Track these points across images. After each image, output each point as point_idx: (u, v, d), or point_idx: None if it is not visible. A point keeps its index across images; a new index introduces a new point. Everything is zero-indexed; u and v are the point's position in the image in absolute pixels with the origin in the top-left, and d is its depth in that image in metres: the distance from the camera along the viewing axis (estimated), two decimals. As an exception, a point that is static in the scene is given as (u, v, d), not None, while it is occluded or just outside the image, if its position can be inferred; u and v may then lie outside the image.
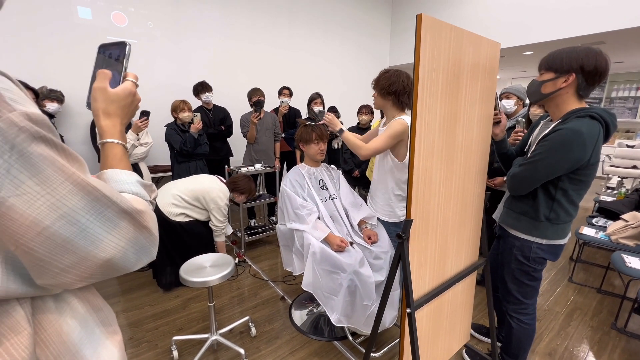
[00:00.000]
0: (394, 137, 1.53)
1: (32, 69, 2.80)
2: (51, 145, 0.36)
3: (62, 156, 0.37)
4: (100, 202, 0.39)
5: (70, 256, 0.38)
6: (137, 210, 0.44)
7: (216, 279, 1.50)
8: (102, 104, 0.53)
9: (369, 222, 1.82)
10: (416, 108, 0.95)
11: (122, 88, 0.54)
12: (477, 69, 1.16)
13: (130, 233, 0.43)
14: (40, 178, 0.34)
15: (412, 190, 1.01)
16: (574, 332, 1.91)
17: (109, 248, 0.41)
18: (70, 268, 0.39)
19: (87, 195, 0.38)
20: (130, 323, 1.94)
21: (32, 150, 0.34)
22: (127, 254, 0.43)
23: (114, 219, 0.41)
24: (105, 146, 0.53)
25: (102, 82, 0.53)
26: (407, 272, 1.03)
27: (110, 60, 0.55)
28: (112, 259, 0.42)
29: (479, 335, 1.82)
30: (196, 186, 2.20)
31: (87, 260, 0.39)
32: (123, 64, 0.55)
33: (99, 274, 0.42)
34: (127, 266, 0.45)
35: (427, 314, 1.22)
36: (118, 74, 0.54)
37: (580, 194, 1.20)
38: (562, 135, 1.09)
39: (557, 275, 2.57)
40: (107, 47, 0.56)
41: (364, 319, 1.54)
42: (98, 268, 0.41)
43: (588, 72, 1.08)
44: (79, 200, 0.37)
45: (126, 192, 0.49)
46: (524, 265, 1.32)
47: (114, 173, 0.50)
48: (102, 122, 0.53)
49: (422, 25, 0.90)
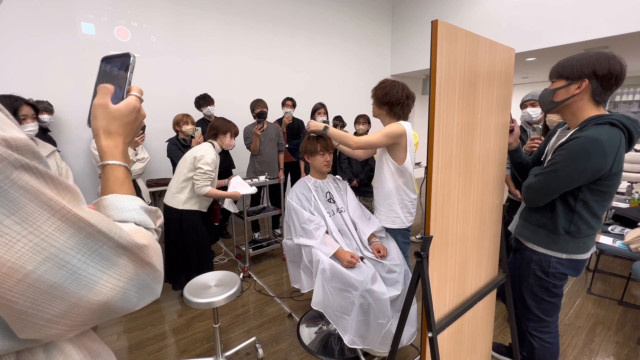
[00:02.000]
0: (388, 136, 1.53)
1: (35, 84, 2.79)
2: (36, 175, 0.30)
3: (50, 187, 0.31)
4: (94, 238, 0.34)
5: (58, 304, 0.32)
6: (138, 245, 0.39)
7: (222, 299, 1.43)
8: (102, 121, 0.48)
9: (378, 236, 1.75)
10: (433, 119, 0.90)
11: (125, 104, 0.49)
12: (493, 75, 1.12)
13: (131, 271, 0.38)
14: (20, 215, 0.29)
15: (430, 205, 0.95)
16: (598, 348, 1.81)
17: (106, 290, 0.35)
18: (59, 318, 0.33)
19: (78, 232, 0.33)
20: (132, 345, 1.86)
21: (10, 182, 0.28)
22: (127, 295, 0.38)
23: (110, 257, 0.36)
24: (106, 168, 0.47)
25: (103, 97, 0.48)
26: (427, 293, 0.96)
27: (113, 73, 0.50)
28: (109, 301, 0.36)
29: (499, 355, 1.72)
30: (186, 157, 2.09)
31: (79, 307, 0.34)
32: (127, 78, 0.50)
33: (94, 320, 0.37)
34: (128, 307, 0.39)
35: (448, 335, 1.14)
36: (121, 88, 0.50)
37: (603, 206, 1.13)
38: (579, 143, 1.03)
39: (575, 287, 2.47)
40: (110, 60, 0.51)
41: (379, 339, 1.45)
42: (92, 313, 0.35)
43: (602, 77, 1.03)
44: (68, 239, 0.32)
45: (128, 220, 0.43)
46: (542, 280, 1.24)
47: (115, 199, 0.44)
48: (103, 142, 0.48)
49: (438, 32, 0.86)
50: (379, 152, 1.71)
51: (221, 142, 2.16)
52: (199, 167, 2.00)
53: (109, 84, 0.49)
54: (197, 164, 2.01)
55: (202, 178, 2.01)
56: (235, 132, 2.23)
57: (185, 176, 2.06)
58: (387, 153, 1.62)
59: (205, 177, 2.03)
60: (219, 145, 2.15)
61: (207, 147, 2.08)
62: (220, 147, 2.16)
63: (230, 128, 2.19)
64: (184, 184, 2.07)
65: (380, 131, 1.55)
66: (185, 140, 2.67)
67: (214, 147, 2.12)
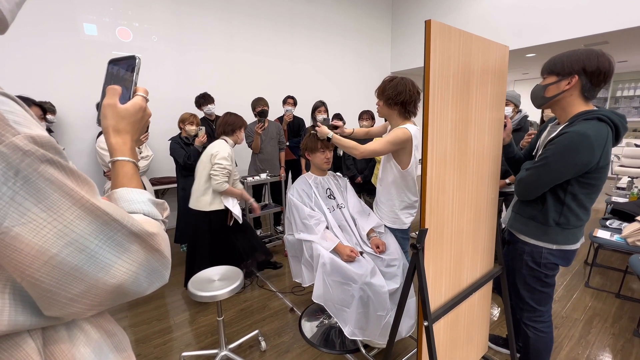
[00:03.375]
0: (394, 144, 1.50)
1: (38, 85, 2.84)
2: (59, 168, 0.34)
3: (70, 179, 0.35)
4: (109, 226, 0.38)
5: (79, 284, 0.36)
6: (148, 233, 0.42)
7: (225, 292, 1.47)
8: (111, 120, 0.51)
9: (377, 231, 1.79)
10: (427, 115, 0.93)
11: (132, 103, 0.53)
12: (487, 73, 1.14)
13: (142, 257, 0.41)
14: (46, 204, 0.33)
15: (425, 198, 0.98)
16: (594, 339, 1.84)
17: (120, 273, 0.39)
18: (79, 297, 0.37)
19: (95, 220, 0.36)
20: (138, 339, 1.91)
21: (37, 175, 0.32)
22: (138, 279, 0.42)
23: (124, 243, 0.39)
24: (115, 164, 0.51)
25: (111, 98, 0.52)
26: (423, 283, 1.00)
27: (120, 75, 0.54)
28: (122, 284, 0.40)
29: (496, 346, 1.76)
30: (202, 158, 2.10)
31: (97, 288, 0.38)
32: (133, 79, 0.53)
33: (110, 301, 0.41)
34: (139, 291, 0.43)
35: (445, 325, 1.18)
36: (127, 89, 0.53)
37: (591, 198, 1.16)
38: (568, 138, 1.06)
39: (573, 280, 2.50)
40: (117, 62, 0.54)
41: (379, 331, 1.49)
42: (108, 295, 0.39)
43: (591, 73, 1.06)
44: (87, 225, 0.36)
45: (138, 212, 0.47)
46: (535, 271, 1.28)
47: (125, 192, 0.48)
48: (112, 139, 0.51)
49: (431, 31, 0.89)
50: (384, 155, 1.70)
51: (237, 137, 2.15)
52: (216, 163, 1.99)
53: (117, 85, 0.53)
54: (213, 160, 2.01)
55: (221, 173, 2.00)
56: (246, 125, 2.26)
57: (207, 177, 2.06)
58: (392, 157, 1.61)
59: (224, 173, 2.02)
60: (233, 140, 2.14)
61: (221, 143, 2.07)
62: (235, 142, 2.14)
63: (244, 122, 2.20)
64: (207, 185, 2.07)
65: (385, 138, 1.53)
66: (188, 139, 2.71)
67: (227, 143, 2.11)
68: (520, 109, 2.37)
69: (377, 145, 1.53)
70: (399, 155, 1.56)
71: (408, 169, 1.58)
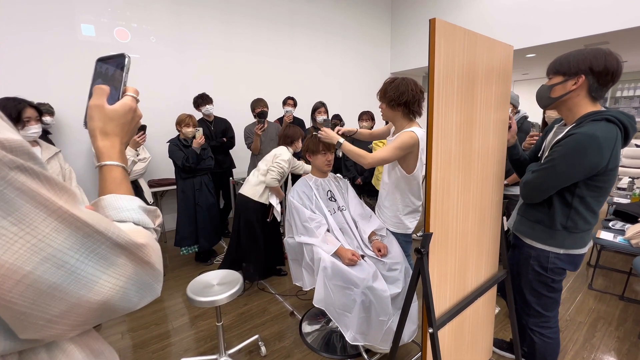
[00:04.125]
0: (401, 149, 1.46)
1: (35, 85, 2.81)
2: (32, 176, 0.31)
3: (45, 187, 0.31)
4: (91, 238, 0.34)
5: (58, 304, 0.32)
6: (136, 245, 0.39)
7: (224, 297, 1.44)
8: (99, 122, 0.48)
9: (378, 234, 1.76)
10: (432, 116, 0.91)
11: (121, 104, 0.50)
12: (492, 73, 1.12)
13: (130, 270, 0.38)
14: (17, 216, 0.29)
15: (430, 202, 0.96)
16: (599, 343, 1.81)
17: (105, 289, 0.36)
18: (60, 318, 0.33)
19: (75, 232, 0.33)
20: (136, 344, 1.88)
21: (5, 183, 0.29)
22: (127, 294, 0.38)
23: (109, 256, 0.36)
24: (103, 169, 0.47)
25: (98, 98, 0.48)
26: (427, 289, 0.97)
27: (109, 74, 0.50)
28: (109, 301, 0.36)
29: (500, 351, 1.73)
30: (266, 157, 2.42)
31: (80, 307, 0.34)
32: (122, 79, 0.50)
33: (95, 319, 0.37)
34: (129, 306, 0.40)
35: (449, 331, 1.15)
36: (117, 89, 0.50)
37: (599, 201, 1.14)
38: (576, 140, 1.03)
39: (576, 282, 2.47)
40: (105, 61, 0.51)
41: (380, 336, 1.46)
42: (93, 313, 0.36)
43: (598, 73, 1.03)
44: (65, 239, 0.32)
45: (127, 220, 0.44)
46: (541, 276, 1.25)
47: (113, 199, 0.45)
48: (100, 142, 0.48)
49: (436, 30, 0.86)
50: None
51: (295, 146, 2.43)
52: (277, 162, 2.31)
53: (105, 84, 0.49)
54: (275, 159, 2.32)
55: (278, 172, 2.29)
56: (304, 135, 2.50)
57: (265, 172, 2.35)
58: (398, 161, 1.56)
59: (281, 172, 2.31)
60: (293, 149, 2.44)
61: (284, 149, 2.40)
62: (294, 150, 2.45)
63: (302, 133, 2.47)
64: (263, 178, 2.35)
65: (391, 144, 1.47)
66: (187, 141, 2.68)
67: (288, 150, 2.40)
68: (519, 109, 2.35)
69: (384, 153, 1.48)
70: (406, 160, 1.51)
71: (414, 174, 1.53)
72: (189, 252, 2.82)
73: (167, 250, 3.21)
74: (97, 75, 0.51)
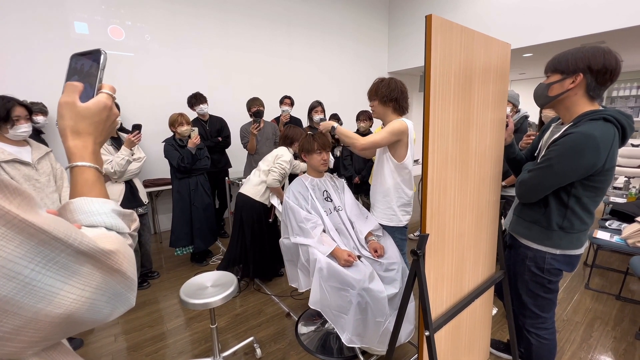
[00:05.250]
0: (392, 134, 1.56)
1: (28, 84, 2.76)
2: None
3: None
4: (49, 245, 0.31)
5: (11, 320, 0.29)
6: (103, 252, 0.36)
7: (218, 299, 1.42)
8: (69, 121, 0.45)
9: (375, 234, 1.75)
10: (428, 114, 0.89)
11: (95, 102, 0.47)
12: (489, 71, 1.10)
13: (97, 279, 0.35)
14: None
15: (426, 202, 0.94)
16: (596, 343, 1.81)
17: (68, 302, 0.32)
18: (14, 335, 0.30)
19: (28, 240, 0.30)
20: (129, 347, 1.85)
21: None
22: (95, 305, 0.35)
23: (70, 265, 0.33)
24: (74, 170, 0.45)
25: (69, 95, 0.45)
26: (424, 291, 0.95)
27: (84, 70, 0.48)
28: (74, 314, 0.33)
29: (497, 352, 1.72)
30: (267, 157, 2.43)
31: (37, 322, 0.31)
32: (97, 75, 0.48)
33: (59, 334, 0.34)
34: (98, 318, 0.37)
35: (446, 333, 1.13)
36: (91, 86, 0.47)
37: (595, 201, 1.12)
38: (573, 139, 1.02)
39: (573, 282, 2.47)
40: (81, 56, 0.49)
41: (377, 337, 1.45)
42: (55, 328, 0.33)
43: (597, 71, 1.02)
44: (16, 247, 0.29)
45: (98, 225, 0.41)
46: (538, 277, 1.23)
47: (82, 203, 0.42)
48: (71, 142, 0.45)
49: (432, 27, 0.84)
50: (379, 149, 1.70)
51: (295, 147, 2.39)
52: (279, 163, 2.31)
53: (79, 81, 0.47)
54: (277, 160, 2.32)
55: (279, 172, 2.29)
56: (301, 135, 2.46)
57: (266, 172, 2.36)
58: (388, 150, 1.63)
59: (283, 173, 2.31)
60: (294, 149, 2.44)
61: (285, 149, 2.40)
62: (295, 151, 2.44)
63: (303, 133, 2.43)
64: (265, 178, 2.36)
65: (384, 129, 1.58)
66: (182, 141, 2.65)
67: (289, 151, 2.41)
68: (519, 108, 2.34)
69: (376, 136, 1.59)
70: (395, 148, 1.61)
71: (404, 162, 1.62)
72: (183, 253, 2.79)
73: (162, 250, 3.18)
74: (72, 71, 0.48)
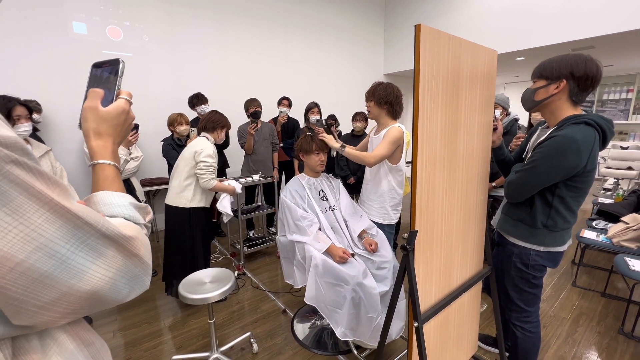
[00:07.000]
0: (395, 143, 1.70)
1: (26, 84, 2.78)
2: (26, 170, 0.32)
3: (39, 181, 0.33)
4: (82, 229, 0.36)
5: (50, 292, 0.34)
6: (125, 237, 0.41)
7: (216, 295, 1.46)
8: (92, 123, 0.50)
9: (368, 232, 1.80)
10: (417, 117, 0.94)
11: (115, 106, 0.52)
12: (476, 77, 1.16)
13: (119, 262, 0.40)
14: (11, 207, 0.31)
15: (415, 200, 0.99)
16: (581, 338, 1.88)
17: (95, 280, 0.37)
18: (51, 305, 0.35)
19: (66, 223, 0.35)
20: (128, 342, 1.88)
21: (1, 176, 0.30)
22: (116, 285, 0.40)
23: (98, 247, 0.38)
24: (96, 168, 0.50)
25: (93, 101, 0.51)
26: (413, 285, 1.01)
27: (103, 78, 0.53)
28: (99, 291, 0.38)
29: (485, 346, 1.78)
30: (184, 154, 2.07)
31: (70, 295, 0.36)
32: (116, 82, 0.53)
33: (85, 309, 0.39)
34: (118, 298, 0.42)
35: (435, 326, 1.19)
36: (111, 92, 0.53)
37: (578, 201, 1.19)
38: (556, 142, 1.09)
39: (561, 280, 2.55)
40: (100, 65, 0.54)
41: (369, 332, 1.50)
42: (83, 302, 0.38)
43: (579, 78, 1.09)
44: (57, 230, 0.34)
45: (118, 215, 0.46)
46: (523, 272, 1.30)
47: (104, 196, 0.47)
48: (93, 142, 0.50)
49: (420, 35, 0.90)
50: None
51: (217, 135, 2.14)
52: (201, 161, 1.98)
53: (99, 88, 0.52)
54: (198, 158, 1.99)
55: (208, 171, 2.01)
56: (229, 127, 2.25)
57: (188, 173, 2.04)
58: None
59: (211, 170, 2.03)
60: (214, 138, 2.15)
61: (204, 141, 2.08)
62: (215, 140, 2.15)
63: (228, 124, 2.20)
64: (188, 182, 2.05)
65: (385, 140, 1.70)
66: (181, 140, 2.68)
67: (209, 140, 2.12)
68: (510, 112, 2.41)
69: (382, 150, 1.69)
70: (394, 152, 1.74)
71: (399, 164, 1.77)
72: (181, 251, 2.81)
73: (159, 249, 3.21)
74: (93, 79, 0.53)
